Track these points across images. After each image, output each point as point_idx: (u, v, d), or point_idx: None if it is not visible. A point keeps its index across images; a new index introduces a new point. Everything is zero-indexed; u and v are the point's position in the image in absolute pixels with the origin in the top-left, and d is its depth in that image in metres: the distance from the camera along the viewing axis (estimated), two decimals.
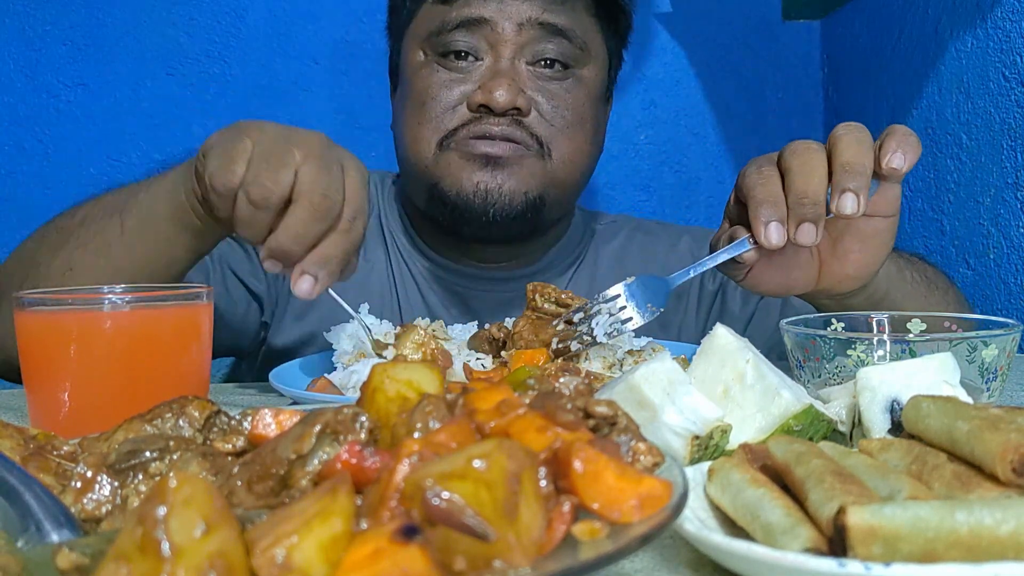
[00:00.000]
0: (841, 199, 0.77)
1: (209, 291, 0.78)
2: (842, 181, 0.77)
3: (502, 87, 1.07)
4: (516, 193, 1.11)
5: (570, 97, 1.13)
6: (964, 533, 0.38)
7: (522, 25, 1.10)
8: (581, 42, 1.14)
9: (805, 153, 0.80)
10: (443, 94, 1.11)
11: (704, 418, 0.58)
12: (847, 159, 0.78)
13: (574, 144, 1.14)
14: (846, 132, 0.80)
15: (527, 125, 1.10)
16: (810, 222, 0.77)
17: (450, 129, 1.10)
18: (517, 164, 1.10)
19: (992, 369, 0.68)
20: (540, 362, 0.82)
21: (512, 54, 1.11)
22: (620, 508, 0.38)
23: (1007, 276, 1.33)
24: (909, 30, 1.59)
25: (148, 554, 0.31)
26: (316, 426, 0.41)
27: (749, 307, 1.27)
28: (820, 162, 0.79)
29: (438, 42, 1.12)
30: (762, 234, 0.78)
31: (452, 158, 1.11)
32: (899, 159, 0.78)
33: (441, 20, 1.11)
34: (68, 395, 0.71)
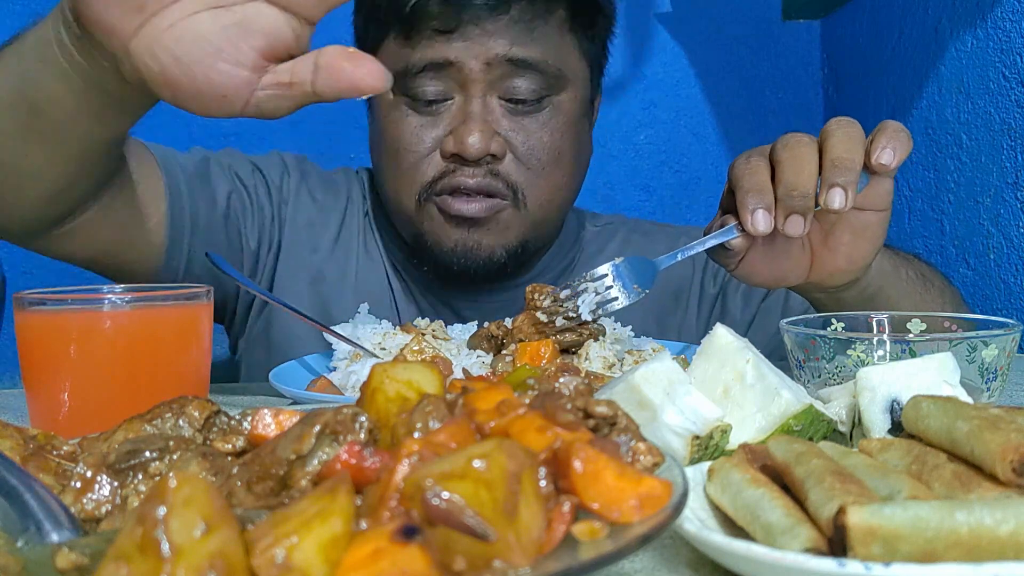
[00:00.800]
0: (829, 194, 0.78)
1: (209, 291, 0.78)
2: (831, 176, 0.78)
3: (474, 134, 1.03)
4: (496, 248, 1.10)
5: (546, 132, 1.09)
6: (964, 533, 0.38)
7: (490, 63, 1.05)
8: (555, 69, 1.08)
9: (796, 146, 0.81)
10: (415, 143, 1.08)
11: (704, 418, 0.58)
12: (837, 154, 0.78)
13: (551, 184, 1.11)
14: (837, 127, 0.81)
15: (502, 174, 1.07)
16: (799, 214, 0.78)
17: (426, 181, 1.08)
18: (493, 220, 1.09)
19: (992, 369, 0.68)
20: (545, 354, 0.83)
21: (483, 92, 1.06)
22: (620, 508, 0.38)
23: (1007, 276, 1.33)
24: (909, 30, 1.59)
25: (148, 554, 0.31)
26: (316, 426, 0.41)
27: (750, 310, 1.26)
28: (811, 155, 0.80)
29: (404, 84, 1.07)
30: (748, 221, 0.79)
31: (432, 212, 1.09)
32: (888, 155, 0.79)
33: (405, 62, 1.06)
34: (68, 395, 0.71)
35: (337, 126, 1.81)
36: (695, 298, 1.30)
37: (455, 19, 1.04)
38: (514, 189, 1.08)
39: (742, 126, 1.96)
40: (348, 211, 1.26)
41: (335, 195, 1.26)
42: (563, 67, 1.10)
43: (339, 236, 1.24)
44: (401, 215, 1.14)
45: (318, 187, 1.26)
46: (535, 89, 1.07)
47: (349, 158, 1.80)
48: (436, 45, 1.05)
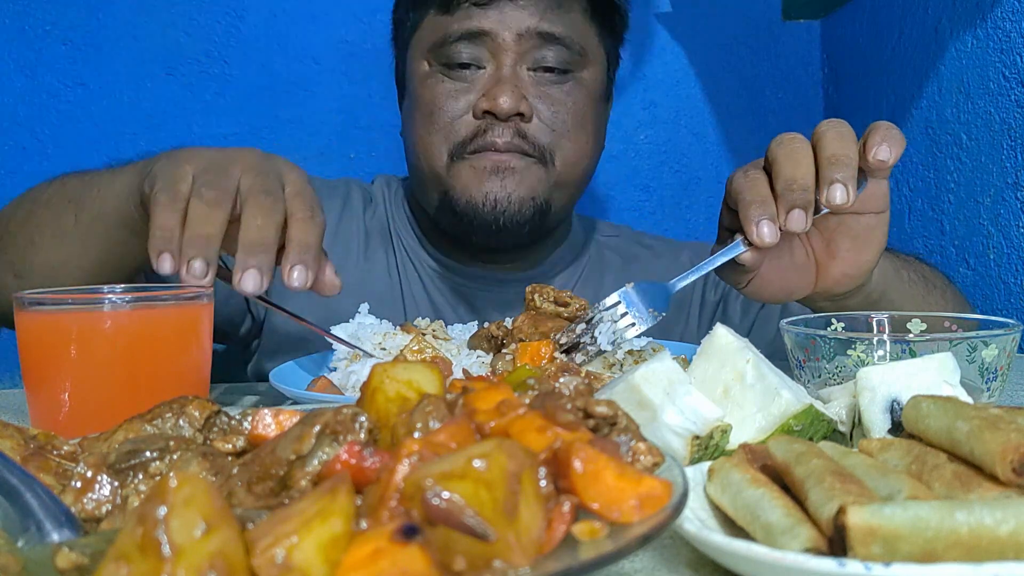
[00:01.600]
0: (830, 190, 0.77)
1: (209, 291, 0.78)
2: (830, 172, 0.78)
3: (505, 93, 1.11)
4: (524, 200, 1.15)
5: (570, 100, 1.17)
6: (964, 533, 0.38)
7: (521, 35, 1.14)
8: (579, 47, 1.18)
9: (791, 143, 0.81)
10: (449, 104, 1.15)
11: (704, 418, 0.58)
12: (832, 151, 0.79)
13: (576, 146, 1.18)
14: (829, 128, 0.81)
15: (530, 135, 1.14)
16: (799, 208, 0.78)
17: (459, 140, 1.14)
18: (524, 172, 1.14)
19: (992, 369, 0.68)
20: (545, 353, 0.83)
21: (513, 61, 1.15)
22: (620, 508, 0.38)
23: (1007, 276, 1.33)
24: (909, 30, 1.59)
25: (148, 554, 0.31)
26: (315, 426, 0.41)
27: (749, 317, 1.29)
28: (806, 151, 0.80)
29: (441, 53, 1.15)
30: (754, 232, 0.79)
31: (463, 168, 1.15)
32: (885, 151, 0.79)
33: (443, 32, 1.15)
34: (68, 395, 0.71)
35: (337, 126, 1.81)
36: (696, 306, 1.32)
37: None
38: (540, 149, 1.15)
39: (742, 126, 1.96)
40: (344, 215, 1.29)
41: (329, 199, 1.28)
42: (585, 46, 1.19)
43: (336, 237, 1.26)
44: (431, 177, 1.18)
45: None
46: (561, 61, 1.16)
47: (349, 158, 1.80)
48: (473, 16, 1.15)
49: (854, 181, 0.78)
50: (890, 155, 0.79)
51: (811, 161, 0.80)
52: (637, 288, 0.85)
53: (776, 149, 0.81)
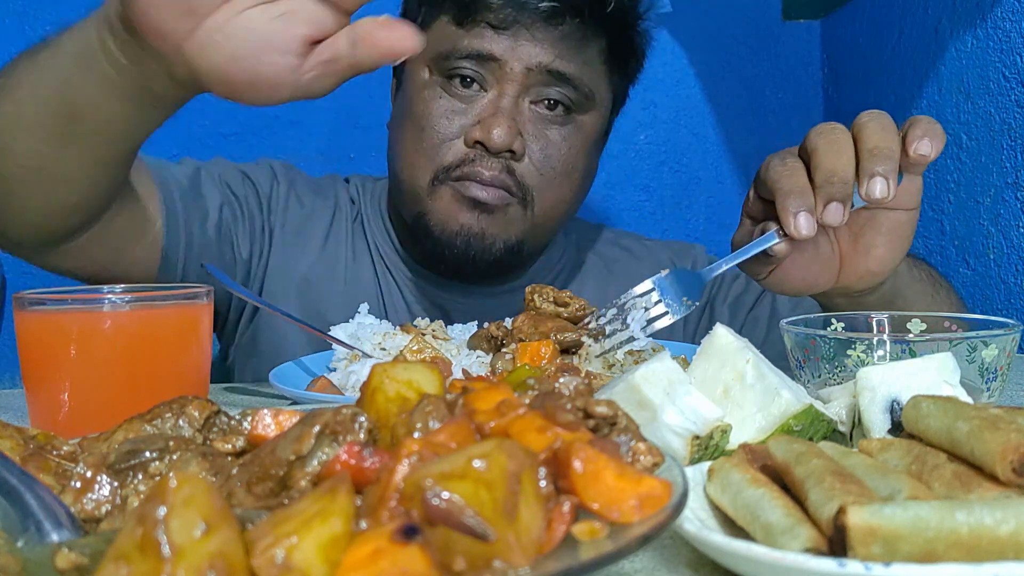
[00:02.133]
0: (870, 183, 0.75)
1: (209, 291, 0.78)
2: (870, 165, 0.76)
3: (501, 126, 1.07)
4: (497, 239, 1.12)
5: (565, 145, 1.13)
6: (964, 533, 0.38)
7: (531, 69, 1.09)
8: (587, 90, 1.13)
9: (832, 133, 0.79)
10: (442, 124, 1.11)
11: (704, 418, 0.58)
12: (875, 143, 0.77)
13: (558, 195, 1.15)
14: (871, 119, 0.79)
15: (517, 173, 1.11)
16: (838, 201, 0.76)
17: (445, 165, 1.11)
18: (502, 211, 1.11)
19: (992, 369, 0.68)
20: (545, 354, 0.82)
21: (516, 93, 1.10)
22: (620, 508, 0.38)
23: (1007, 276, 1.33)
24: (909, 30, 1.59)
25: (148, 554, 0.31)
26: (315, 427, 0.41)
27: (738, 320, 1.27)
28: (847, 142, 0.78)
29: (444, 66, 1.11)
30: (791, 224, 0.77)
31: (444, 194, 1.11)
32: (926, 146, 0.77)
33: (452, 45, 1.10)
34: (68, 395, 0.71)
35: (337, 126, 1.81)
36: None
37: (512, 19, 1.08)
38: (524, 190, 1.12)
39: (742, 126, 1.96)
40: (336, 216, 1.27)
41: (323, 199, 1.27)
42: (594, 89, 1.14)
43: (327, 240, 1.25)
44: (410, 193, 1.15)
45: (306, 192, 1.27)
46: (567, 98, 1.11)
47: (349, 158, 1.80)
48: (485, 37, 1.09)
49: (895, 175, 0.76)
50: (931, 150, 0.77)
51: (852, 153, 0.77)
52: (672, 275, 0.83)
53: (816, 139, 0.79)
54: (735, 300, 1.28)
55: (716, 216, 1.96)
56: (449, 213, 1.11)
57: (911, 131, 0.78)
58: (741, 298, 1.29)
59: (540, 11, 1.08)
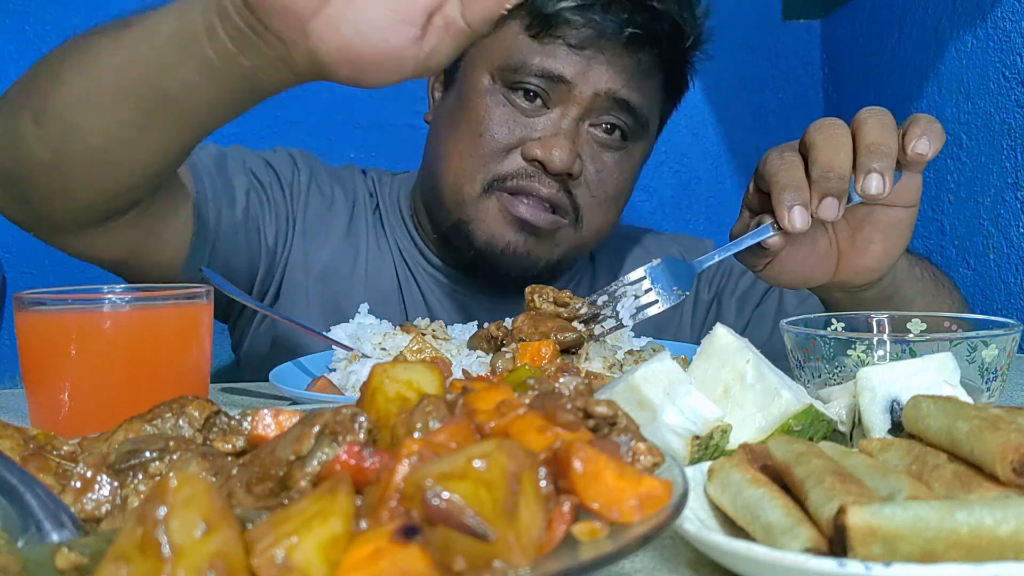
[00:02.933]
0: (866, 179, 0.76)
1: (209, 291, 0.78)
2: (867, 162, 0.76)
3: (563, 148, 1.05)
4: (541, 259, 1.12)
5: (618, 171, 1.13)
6: (964, 533, 0.38)
7: (599, 94, 1.08)
8: (645, 119, 1.13)
9: (831, 128, 0.79)
10: (502, 133, 1.08)
11: (704, 418, 0.58)
12: (872, 140, 0.77)
13: (606, 217, 1.16)
14: (870, 115, 0.79)
15: (573, 194, 1.10)
16: (834, 196, 0.77)
17: (500, 175, 1.08)
18: (551, 235, 1.11)
19: (992, 369, 0.68)
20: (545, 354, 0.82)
21: (579, 115, 1.08)
22: (620, 508, 0.38)
23: (1007, 276, 1.33)
24: (909, 30, 1.59)
25: (148, 554, 0.31)
26: (315, 427, 0.41)
27: (744, 316, 1.27)
28: (846, 138, 0.78)
29: (512, 77, 1.08)
30: (786, 218, 0.77)
31: (493, 206, 1.09)
32: (924, 144, 0.77)
33: (522, 59, 1.07)
34: (68, 395, 0.71)
35: (337, 126, 1.81)
36: (689, 304, 1.30)
37: (590, 41, 1.06)
38: (577, 211, 1.12)
39: (742, 126, 1.96)
40: (356, 206, 1.25)
41: (344, 190, 1.26)
42: (650, 118, 1.15)
43: (349, 230, 1.23)
44: (453, 198, 1.12)
45: (326, 182, 1.25)
46: (627, 125, 1.11)
47: (349, 158, 1.80)
48: (559, 56, 1.07)
49: (891, 172, 0.76)
50: (929, 148, 0.77)
51: (850, 149, 0.78)
52: (664, 264, 0.83)
53: (815, 134, 0.79)
54: (742, 295, 1.28)
55: (716, 216, 1.96)
56: (495, 228, 1.09)
57: (910, 129, 0.78)
58: (748, 293, 1.29)
59: (621, 38, 1.07)
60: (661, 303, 0.82)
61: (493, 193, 1.09)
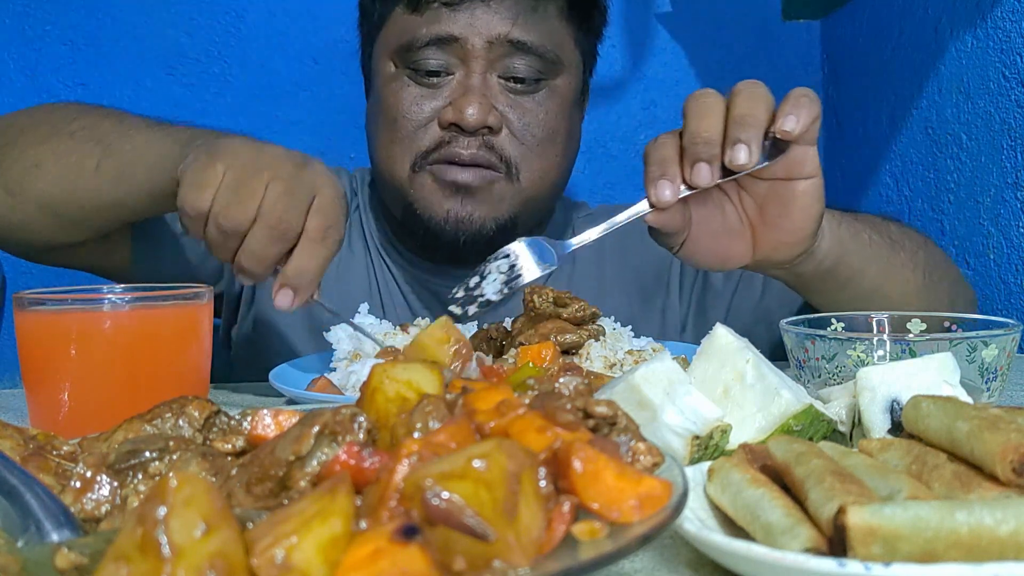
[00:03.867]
0: (733, 150, 0.77)
1: (209, 291, 0.78)
2: (733, 132, 0.77)
3: (473, 105, 1.07)
4: (487, 219, 1.11)
5: (542, 111, 1.13)
6: (964, 533, 0.38)
7: (492, 42, 1.09)
8: (553, 55, 1.13)
9: (701, 98, 0.80)
10: (414, 111, 1.11)
11: (704, 418, 0.58)
12: (740, 111, 0.78)
13: (544, 162, 1.15)
14: (744, 87, 0.80)
15: (497, 147, 1.10)
16: (704, 161, 0.78)
17: (422, 150, 1.11)
18: (486, 191, 1.11)
19: (992, 369, 0.68)
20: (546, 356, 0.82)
21: (483, 69, 1.10)
22: (620, 508, 0.38)
23: (1007, 276, 1.33)
24: (909, 30, 1.59)
25: (148, 554, 0.31)
26: (314, 427, 0.41)
27: (732, 281, 1.25)
28: (717, 107, 0.79)
29: (408, 57, 1.11)
30: (653, 192, 0.79)
31: (425, 181, 1.12)
32: (791, 122, 0.78)
33: (412, 35, 1.10)
34: (68, 395, 0.71)
35: (337, 126, 1.81)
36: (676, 276, 1.29)
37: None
38: (508, 163, 1.12)
39: None
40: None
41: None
42: (560, 53, 1.14)
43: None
44: (393, 186, 1.15)
45: None
46: (533, 71, 1.11)
47: (350, 158, 1.80)
48: (442, 18, 1.09)
49: (758, 141, 0.77)
50: (796, 126, 0.77)
51: (720, 117, 0.78)
52: (529, 243, 0.84)
53: (688, 103, 0.81)
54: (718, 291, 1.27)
55: None
56: (433, 200, 1.11)
57: (781, 106, 0.79)
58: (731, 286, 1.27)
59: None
60: (527, 274, 0.82)
61: (424, 169, 1.11)
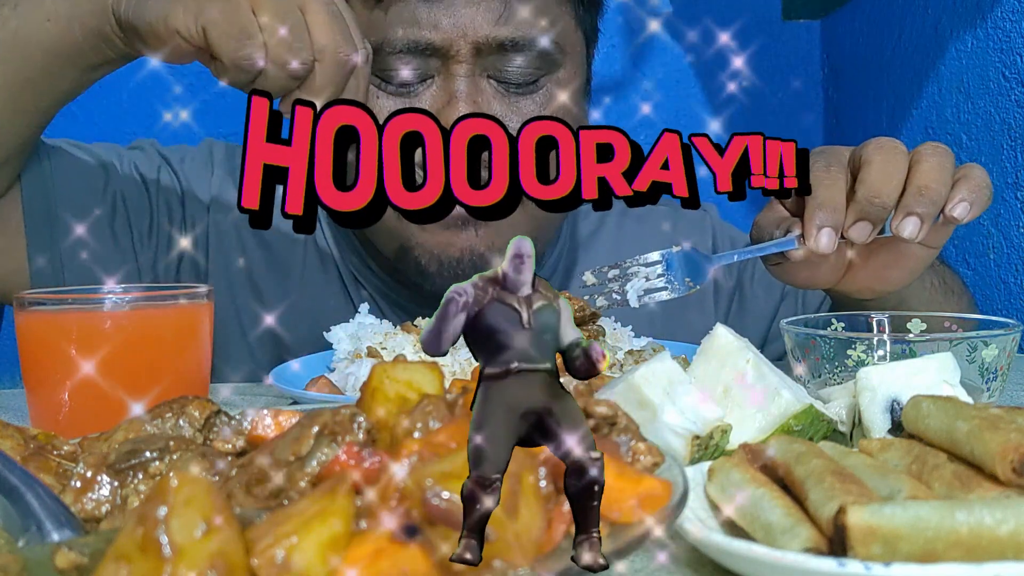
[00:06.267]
0: (904, 221, 0.73)
1: (209, 291, 0.78)
2: (912, 204, 0.74)
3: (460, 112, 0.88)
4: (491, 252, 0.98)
5: (545, 111, 0.97)
6: (964, 533, 0.38)
7: (480, 47, 0.92)
8: (552, 46, 0.96)
9: (892, 153, 0.76)
10: None
11: (704, 418, 0.58)
12: (926, 183, 0.74)
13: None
14: (933, 153, 0.76)
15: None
16: (869, 222, 0.75)
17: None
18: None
19: (992, 369, 0.68)
20: None
21: (468, 72, 0.93)
22: (620, 508, 0.38)
23: (1007, 276, 1.33)
24: (909, 30, 1.59)
25: (149, 554, 0.31)
26: (314, 427, 0.41)
27: (773, 300, 1.20)
28: (902, 167, 0.75)
29: (375, 63, 0.88)
30: (813, 238, 0.75)
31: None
32: (963, 210, 0.74)
33: (379, 37, 0.92)
34: (68, 395, 0.71)
35: None
36: (709, 294, 1.21)
37: None
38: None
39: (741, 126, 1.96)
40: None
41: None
42: (561, 42, 0.98)
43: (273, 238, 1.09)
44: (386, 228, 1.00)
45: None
46: (530, 72, 0.95)
47: None
48: (416, 12, 0.91)
49: (931, 220, 0.74)
50: (967, 215, 0.74)
51: (902, 180, 0.75)
52: (683, 253, 0.80)
53: (874, 153, 0.76)
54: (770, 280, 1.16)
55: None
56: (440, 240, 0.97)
57: (957, 187, 0.75)
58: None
59: None
60: (670, 291, 0.79)
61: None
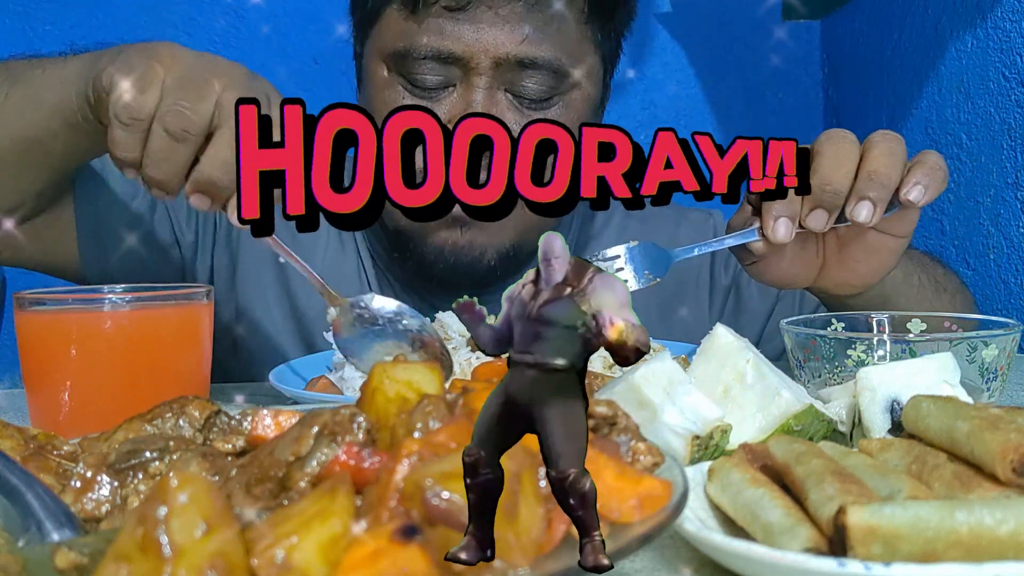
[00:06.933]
0: (857, 206, 0.76)
1: (209, 291, 0.78)
2: (864, 188, 0.76)
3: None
4: (487, 249, 1.04)
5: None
6: (964, 533, 0.38)
7: (500, 63, 0.98)
8: (568, 69, 1.01)
9: (840, 142, 0.78)
10: None
11: (704, 418, 0.58)
12: (876, 168, 0.76)
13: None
14: (883, 139, 0.78)
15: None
16: (824, 210, 0.77)
17: None
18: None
19: (992, 369, 0.68)
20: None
21: (488, 85, 0.99)
22: (620, 508, 0.38)
23: (1007, 276, 1.33)
24: (909, 30, 1.59)
25: (149, 554, 0.31)
26: (314, 427, 0.41)
27: (768, 300, 1.21)
28: (852, 155, 0.78)
29: (403, 65, 0.99)
30: (770, 228, 0.78)
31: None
32: (918, 192, 0.77)
33: (408, 43, 0.99)
34: (68, 395, 0.71)
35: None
36: (705, 290, 1.23)
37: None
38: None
39: (742, 126, 1.96)
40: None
41: None
42: (578, 64, 1.03)
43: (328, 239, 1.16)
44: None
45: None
46: (544, 89, 1.01)
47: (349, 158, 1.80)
48: (444, 26, 0.97)
49: (885, 203, 0.76)
50: (923, 197, 0.77)
51: (853, 167, 0.77)
52: (641, 247, 0.82)
53: (824, 143, 0.78)
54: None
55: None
56: (426, 229, 1.03)
57: (912, 171, 0.78)
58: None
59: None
60: (631, 284, 0.81)
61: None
